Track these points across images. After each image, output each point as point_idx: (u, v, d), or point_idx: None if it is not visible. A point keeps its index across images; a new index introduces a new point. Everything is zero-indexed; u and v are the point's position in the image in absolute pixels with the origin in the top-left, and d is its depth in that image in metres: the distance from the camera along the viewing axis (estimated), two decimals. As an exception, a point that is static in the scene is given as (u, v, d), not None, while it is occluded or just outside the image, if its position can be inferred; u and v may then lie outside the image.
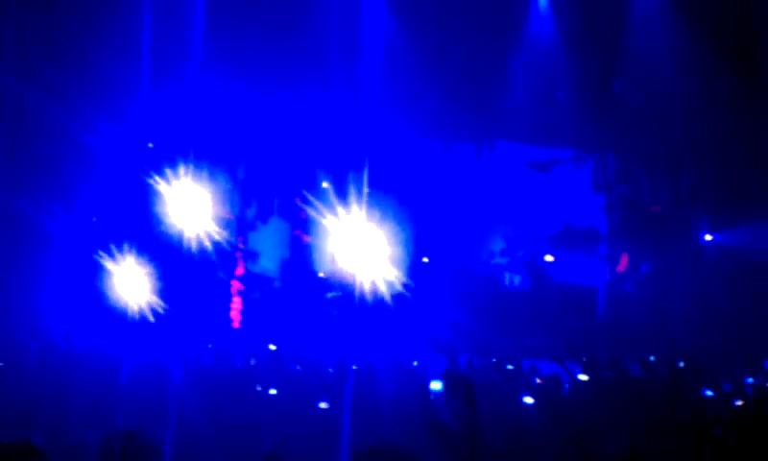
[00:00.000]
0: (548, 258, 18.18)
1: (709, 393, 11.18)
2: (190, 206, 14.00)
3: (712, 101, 17.56)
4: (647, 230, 18.45)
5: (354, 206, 15.24)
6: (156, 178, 13.67)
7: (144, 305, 12.22)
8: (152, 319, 12.04)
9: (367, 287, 14.25)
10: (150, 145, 15.00)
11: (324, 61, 16.01)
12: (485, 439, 5.36)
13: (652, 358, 13.37)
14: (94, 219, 15.09)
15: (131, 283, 12.72)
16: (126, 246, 13.32)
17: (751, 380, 12.85)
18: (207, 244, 14.66)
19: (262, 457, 5.65)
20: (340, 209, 15.05)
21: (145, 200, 14.12)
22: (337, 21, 16.06)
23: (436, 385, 9.27)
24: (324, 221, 15.15)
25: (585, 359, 12.38)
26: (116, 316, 12.06)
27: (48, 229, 14.37)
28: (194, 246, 14.62)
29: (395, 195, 17.54)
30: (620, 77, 18.01)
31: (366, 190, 15.39)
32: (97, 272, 13.53)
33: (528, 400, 10.72)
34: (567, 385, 10.97)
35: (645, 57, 18.02)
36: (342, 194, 15.86)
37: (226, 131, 16.07)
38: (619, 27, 18.09)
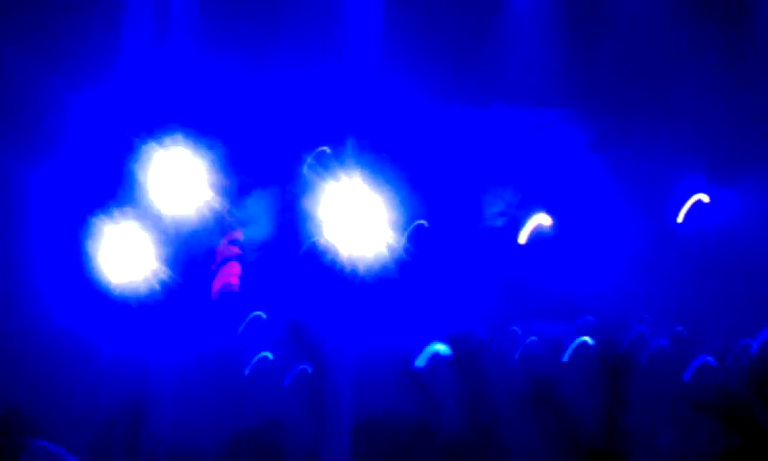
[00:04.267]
0: (540, 220, 18.12)
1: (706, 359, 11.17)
2: (182, 174, 13.81)
3: (706, 59, 17.53)
4: (642, 190, 18.39)
5: (351, 171, 15.11)
6: (145, 145, 13.48)
7: (142, 277, 11.96)
8: (150, 291, 11.82)
9: (362, 254, 14.13)
10: (142, 114, 14.81)
11: (320, 28, 15.94)
12: (495, 413, 5.23)
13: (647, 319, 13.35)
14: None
15: (125, 252, 12.48)
16: (118, 211, 13.11)
17: (744, 343, 12.84)
18: (202, 212, 14.50)
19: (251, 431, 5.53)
20: (336, 174, 14.92)
21: (135, 167, 13.92)
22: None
23: (440, 348, 9.11)
24: (319, 186, 15.02)
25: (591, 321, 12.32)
26: (104, 290, 11.86)
27: (32, 189, 14.05)
28: (189, 214, 14.45)
29: (392, 160, 17.43)
30: (612, 36, 17.93)
31: (363, 154, 15.26)
32: (86, 237, 13.30)
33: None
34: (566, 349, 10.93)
35: (638, 15, 17.96)
36: (339, 158, 15.74)
37: (217, 97, 15.94)
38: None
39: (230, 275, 16.09)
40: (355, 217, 15.21)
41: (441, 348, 9.33)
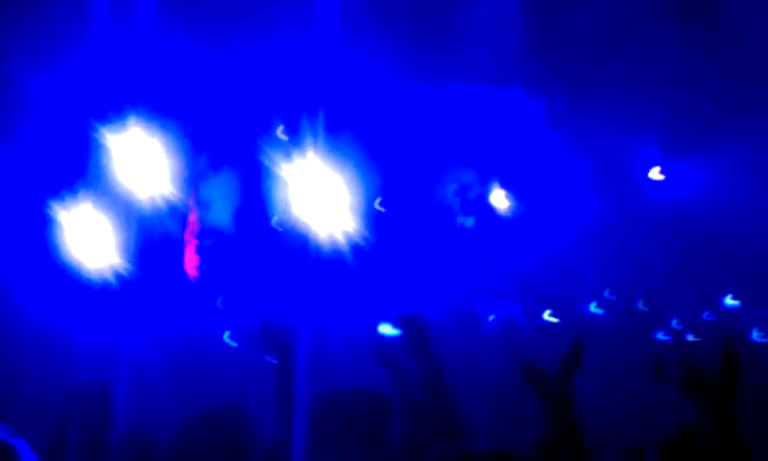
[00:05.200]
0: (497, 197, 18.16)
1: (662, 333, 11.30)
2: (141, 158, 13.77)
3: (667, 35, 17.57)
4: (598, 167, 18.46)
5: (309, 152, 15.10)
6: (103, 128, 13.42)
7: (100, 263, 11.91)
8: (110, 278, 11.77)
9: (323, 235, 14.13)
10: (98, 98, 14.74)
11: (280, 7, 15.92)
12: (447, 392, 5.32)
13: (608, 295, 13.49)
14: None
15: (86, 239, 12.45)
16: (78, 197, 13.04)
17: (706, 316, 13.02)
18: (160, 197, 14.43)
19: (217, 408, 5.58)
20: (294, 155, 14.91)
21: (94, 151, 13.85)
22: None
23: (386, 329, 9.18)
24: (277, 168, 15.01)
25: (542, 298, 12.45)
26: (65, 276, 11.84)
27: None
28: (150, 198, 14.39)
29: (350, 139, 17.46)
30: (571, 12, 17.96)
31: (320, 135, 15.25)
32: (46, 222, 13.23)
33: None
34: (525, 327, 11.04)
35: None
36: (296, 139, 15.73)
37: (174, 80, 15.85)
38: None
39: (190, 260, 16.09)
40: (315, 198, 15.23)
41: (387, 328, 9.40)
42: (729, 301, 14.24)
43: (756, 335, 11.31)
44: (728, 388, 4.44)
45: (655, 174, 18.55)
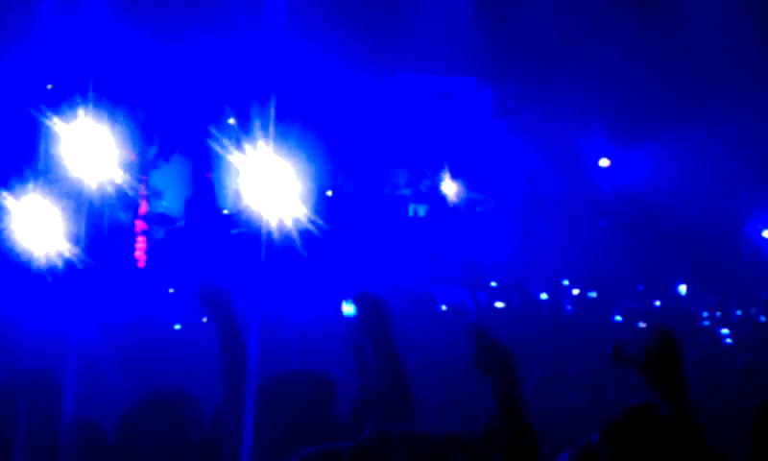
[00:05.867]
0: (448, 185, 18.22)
1: (618, 318, 11.42)
2: (91, 147, 13.72)
3: (613, 26, 17.69)
4: (547, 154, 18.59)
5: (260, 141, 15.09)
6: (53, 117, 13.35)
7: (48, 250, 11.86)
8: (58, 265, 11.71)
9: (273, 223, 14.14)
10: (48, 86, 14.67)
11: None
12: (402, 374, 5.31)
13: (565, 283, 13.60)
14: None
15: (33, 226, 12.38)
16: (26, 185, 12.96)
17: (658, 304, 13.18)
18: (109, 185, 14.37)
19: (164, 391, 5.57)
20: (245, 144, 14.90)
21: (43, 139, 13.76)
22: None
23: (347, 309, 9.19)
24: (228, 157, 15.00)
25: (493, 285, 12.55)
26: (12, 263, 11.78)
27: None
28: (96, 187, 14.33)
29: (301, 128, 17.46)
30: (517, 6, 18.10)
31: (272, 124, 15.27)
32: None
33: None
34: (475, 314, 11.09)
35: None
36: (247, 128, 15.74)
37: (125, 69, 15.81)
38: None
39: (140, 247, 16.06)
40: (266, 186, 15.21)
41: (346, 307, 9.40)
42: (680, 288, 14.42)
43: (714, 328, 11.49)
44: (660, 368, 4.46)
45: (604, 162, 18.70)
